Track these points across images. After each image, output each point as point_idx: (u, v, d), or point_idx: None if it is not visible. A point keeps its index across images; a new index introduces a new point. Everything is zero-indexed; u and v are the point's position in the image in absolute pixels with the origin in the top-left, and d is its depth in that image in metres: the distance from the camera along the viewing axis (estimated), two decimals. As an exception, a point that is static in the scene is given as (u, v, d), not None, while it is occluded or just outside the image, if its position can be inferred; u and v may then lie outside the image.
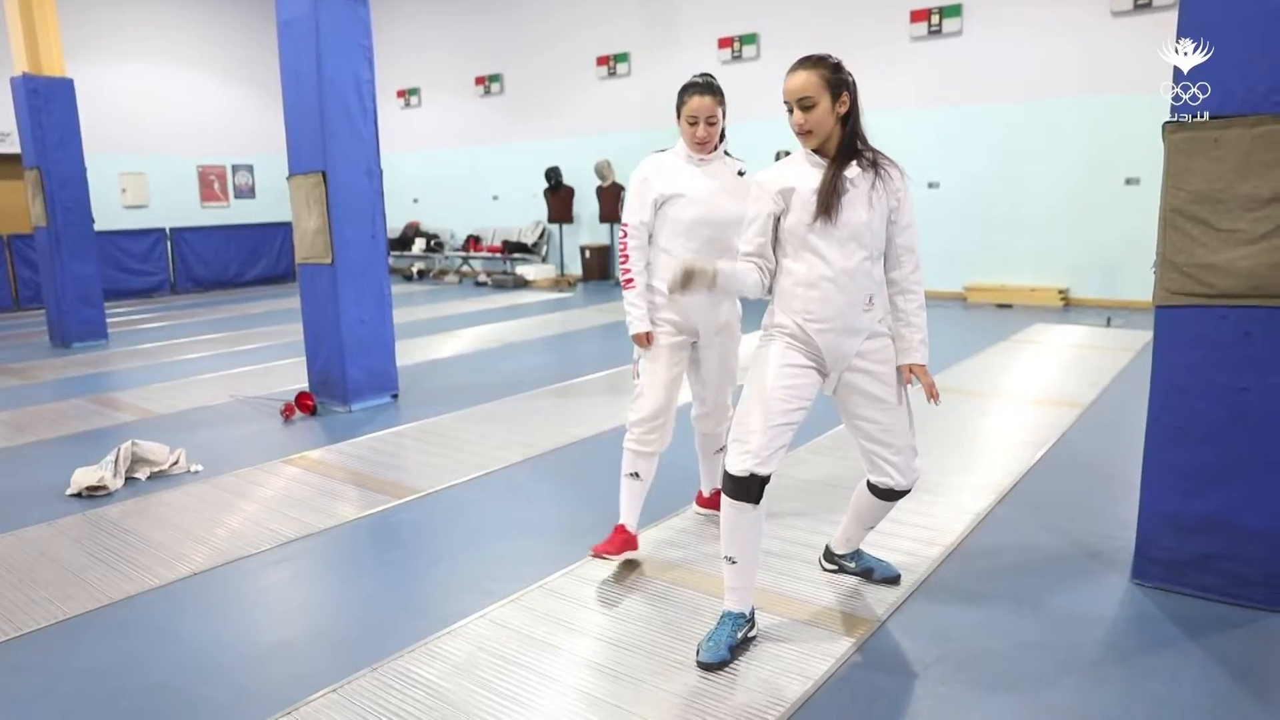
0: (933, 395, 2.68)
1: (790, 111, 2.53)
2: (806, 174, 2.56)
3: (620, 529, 3.24)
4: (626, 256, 3.13)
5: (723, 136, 3.12)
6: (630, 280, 3.12)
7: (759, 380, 2.59)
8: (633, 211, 3.12)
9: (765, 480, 2.53)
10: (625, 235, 3.13)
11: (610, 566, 3.25)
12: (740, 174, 3.13)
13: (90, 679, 2.64)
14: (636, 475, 3.21)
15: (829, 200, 2.49)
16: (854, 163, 2.54)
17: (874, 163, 2.57)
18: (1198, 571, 2.88)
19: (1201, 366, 2.77)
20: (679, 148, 3.11)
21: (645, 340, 3.14)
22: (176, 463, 4.63)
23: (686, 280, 2.44)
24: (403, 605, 3.09)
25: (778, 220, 2.59)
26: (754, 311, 2.85)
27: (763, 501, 2.54)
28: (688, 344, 3.21)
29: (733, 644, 2.60)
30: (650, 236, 3.14)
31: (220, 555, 3.53)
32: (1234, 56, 2.60)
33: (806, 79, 2.48)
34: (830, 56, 2.53)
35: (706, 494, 3.66)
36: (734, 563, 2.62)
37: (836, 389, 2.70)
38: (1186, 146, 2.69)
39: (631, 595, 3.06)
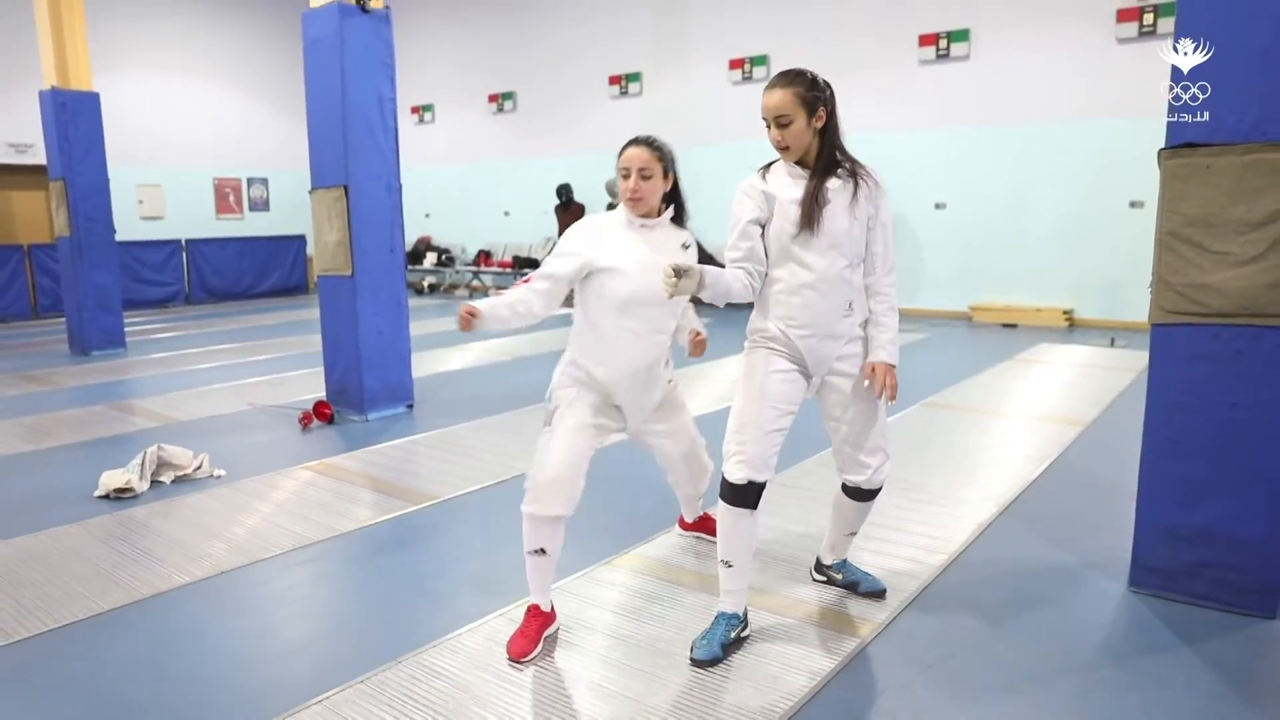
0: (886, 392, 2.69)
1: (768, 127, 2.62)
2: (788, 185, 2.64)
3: (533, 610, 2.84)
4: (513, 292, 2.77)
5: (671, 204, 2.89)
6: (501, 294, 2.77)
7: (749, 390, 2.68)
8: (551, 264, 2.78)
9: (762, 487, 2.65)
10: (527, 280, 2.78)
11: (621, 571, 3.37)
12: (685, 246, 2.88)
13: (130, 667, 2.77)
14: (543, 551, 2.77)
15: (812, 212, 2.58)
16: (834, 174, 2.63)
17: (853, 172, 2.66)
18: (1192, 580, 2.99)
19: (1196, 383, 2.89)
20: (620, 210, 2.85)
21: (471, 315, 2.65)
22: (200, 467, 4.76)
23: (680, 274, 2.34)
24: (422, 603, 3.20)
25: (762, 226, 2.65)
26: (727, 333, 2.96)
27: (759, 505, 2.65)
28: (609, 423, 2.94)
29: (725, 643, 2.70)
30: (565, 297, 2.82)
31: (246, 555, 3.65)
32: (1225, 89, 2.73)
33: (782, 97, 2.57)
34: (807, 72, 2.61)
35: (689, 520, 3.65)
36: (730, 566, 2.72)
37: (819, 390, 2.80)
38: (1181, 172, 2.82)
39: (642, 597, 3.17)
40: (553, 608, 2.90)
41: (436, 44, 15.42)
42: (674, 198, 2.91)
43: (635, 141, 2.82)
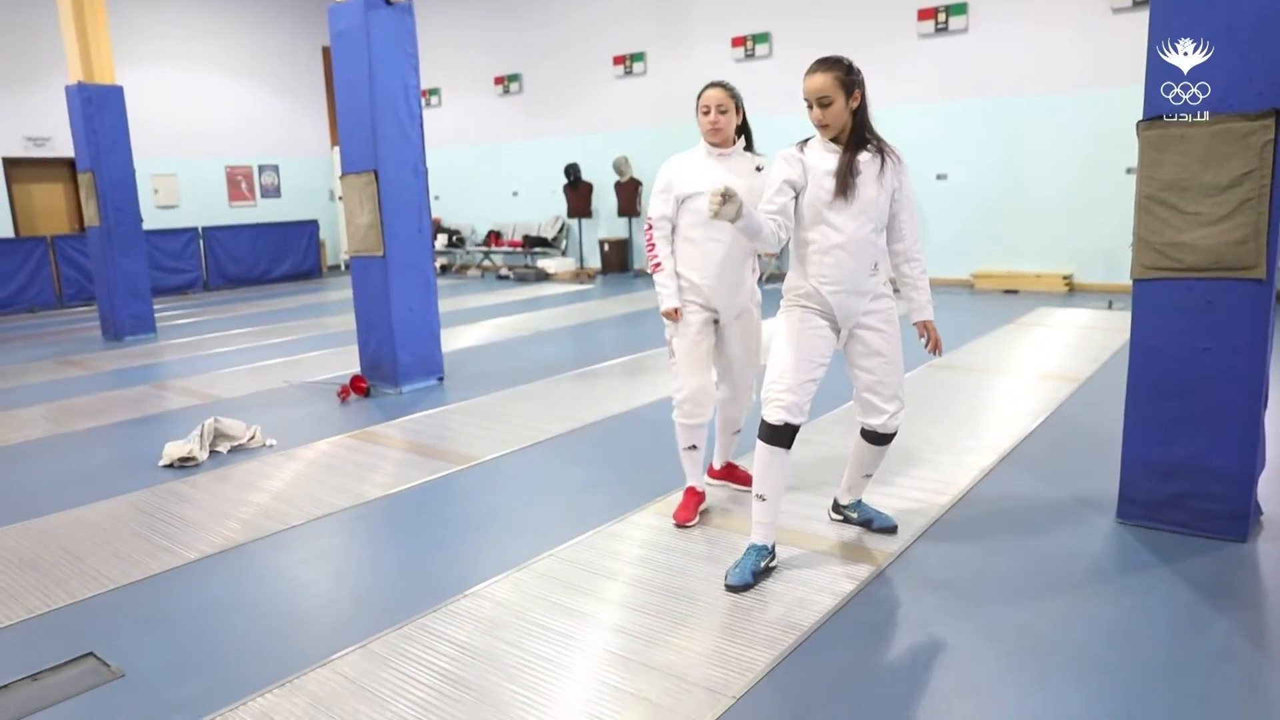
0: (937, 347, 3.14)
1: (810, 107, 2.94)
2: (824, 157, 2.97)
3: (690, 490, 3.68)
4: (653, 246, 3.49)
5: (743, 133, 3.47)
6: (658, 264, 3.47)
7: (787, 344, 3.04)
8: (656, 208, 3.49)
9: (797, 429, 2.99)
10: (650, 228, 3.50)
11: (656, 517, 3.71)
12: (759, 169, 3.42)
13: (226, 606, 3.12)
14: (694, 447, 3.60)
15: (846, 181, 2.92)
16: (864, 149, 2.96)
17: (880, 149, 3.00)
18: (1173, 509, 3.32)
19: (1173, 331, 3.21)
20: (700, 145, 3.45)
21: (675, 315, 3.46)
22: (253, 438, 5.10)
23: (726, 198, 2.66)
24: (477, 547, 3.55)
25: (796, 191, 2.97)
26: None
27: (792, 446, 3.00)
28: (712, 320, 3.54)
29: (756, 570, 3.05)
30: (674, 229, 3.49)
31: (307, 513, 3.98)
32: (1198, 68, 3.03)
33: (824, 80, 2.89)
34: (844, 59, 2.95)
35: (717, 466, 4.01)
36: (763, 499, 3.07)
37: (846, 342, 3.14)
38: (1158, 142, 3.12)
39: (676, 537, 3.51)
40: (704, 487, 3.70)
41: (442, 28, 15.62)
42: (744, 130, 3.48)
43: (712, 85, 3.41)
